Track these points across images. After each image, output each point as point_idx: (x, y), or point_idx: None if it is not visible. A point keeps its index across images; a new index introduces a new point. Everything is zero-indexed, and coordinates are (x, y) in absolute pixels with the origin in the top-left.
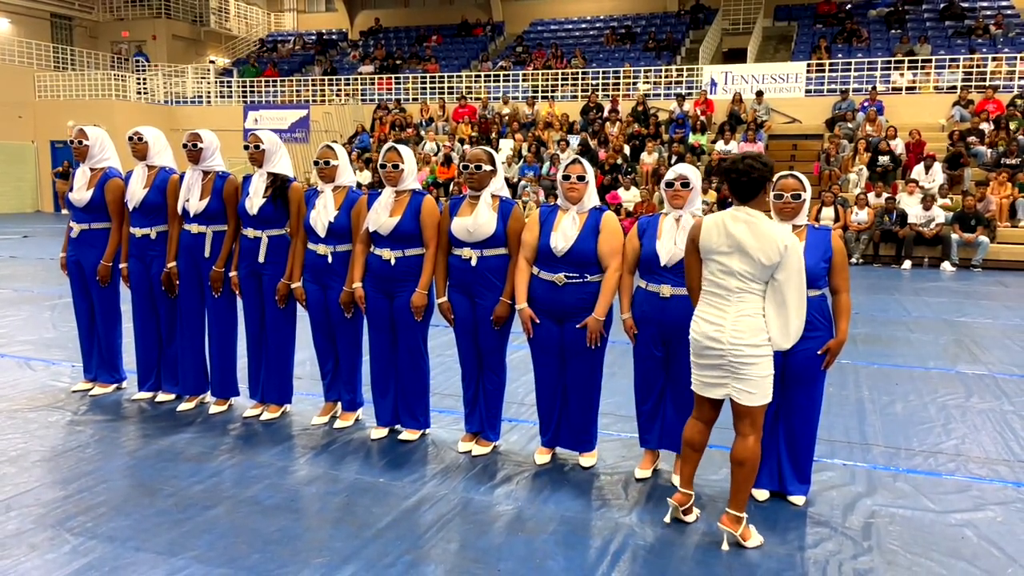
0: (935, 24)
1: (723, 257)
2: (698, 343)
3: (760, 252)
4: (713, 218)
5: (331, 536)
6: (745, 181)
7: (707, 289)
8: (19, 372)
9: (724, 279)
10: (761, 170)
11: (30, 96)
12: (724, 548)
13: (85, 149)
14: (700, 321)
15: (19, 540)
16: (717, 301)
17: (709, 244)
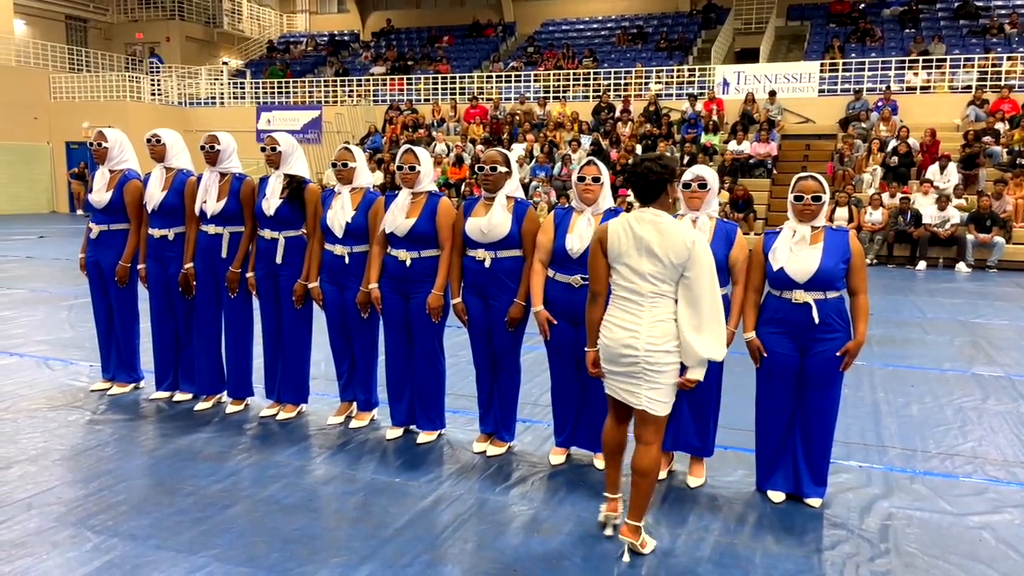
0: (950, 23)
1: (632, 260)
2: (611, 350)
3: (668, 251)
4: (618, 221)
5: (349, 536)
6: (646, 184)
7: (619, 295)
8: (37, 372)
9: (636, 283)
10: (662, 172)
11: (45, 97)
12: (625, 559)
13: (104, 151)
14: (614, 327)
15: (41, 538)
16: (630, 307)
17: (617, 247)
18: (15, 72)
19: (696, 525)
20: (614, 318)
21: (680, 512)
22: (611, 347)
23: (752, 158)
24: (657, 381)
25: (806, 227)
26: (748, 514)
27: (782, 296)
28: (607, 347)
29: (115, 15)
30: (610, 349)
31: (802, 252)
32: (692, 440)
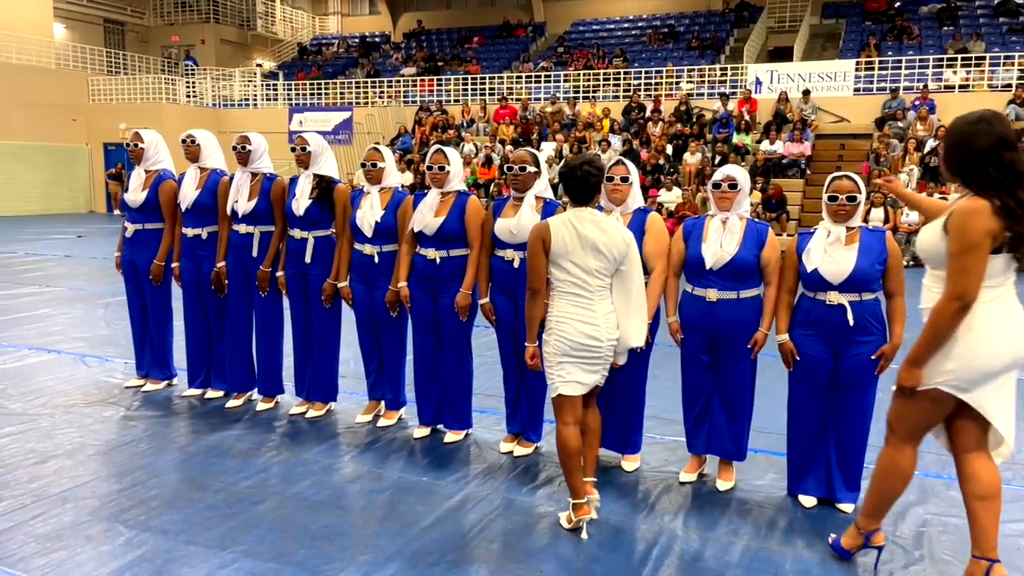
0: (989, 21)
1: (578, 258)
2: (576, 343)
3: (611, 247)
4: (559, 221)
5: (376, 533)
6: (584, 186)
7: (567, 291)
8: (74, 368)
9: (584, 279)
10: (597, 175)
11: (84, 99)
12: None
13: (140, 152)
14: (574, 322)
15: (75, 531)
16: (582, 301)
17: (563, 246)
18: (55, 75)
19: (726, 529)
20: (569, 313)
21: (710, 516)
22: (575, 340)
23: (785, 158)
24: (608, 362)
25: (841, 228)
26: (779, 518)
27: (816, 298)
28: (571, 341)
29: (152, 18)
30: (575, 342)
31: (837, 253)
32: (726, 444)
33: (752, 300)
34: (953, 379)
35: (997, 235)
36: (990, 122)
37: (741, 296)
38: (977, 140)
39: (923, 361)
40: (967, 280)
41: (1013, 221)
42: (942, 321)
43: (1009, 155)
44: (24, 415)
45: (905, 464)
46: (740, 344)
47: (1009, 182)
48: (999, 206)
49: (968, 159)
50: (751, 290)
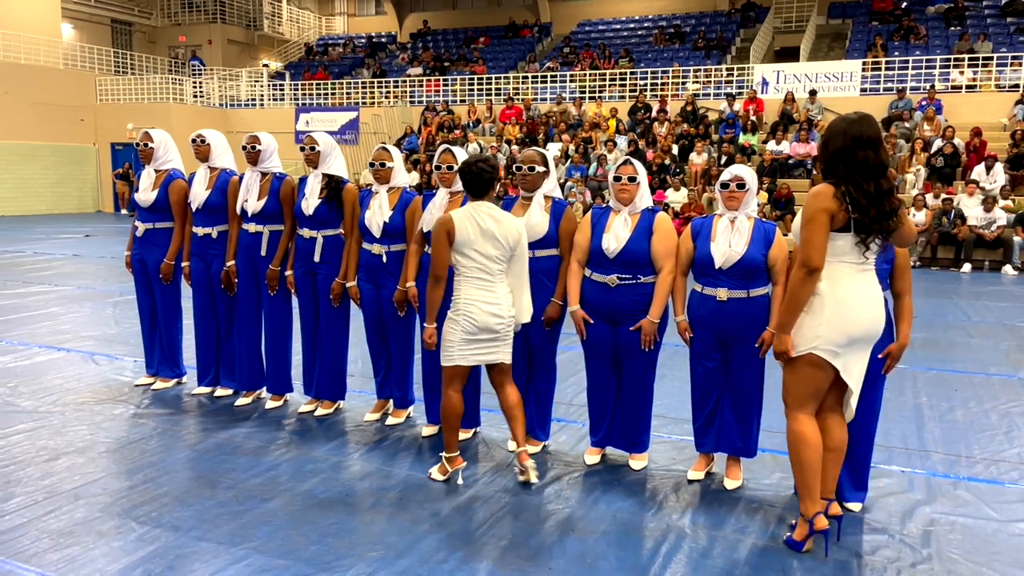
0: (996, 21)
1: (479, 246)
2: (479, 322)
3: (507, 236)
4: (461, 214)
5: (385, 530)
6: (480, 182)
7: (470, 276)
8: (84, 366)
9: (486, 264)
10: (492, 172)
11: (91, 100)
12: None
13: (150, 151)
14: (480, 304)
15: (88, 527)
16: (485, 285)
17: (466, 236)
18: (63, 75)
19: (734, 527)
20: (475, 297)
21: (718, 514)
22: (479, 320)
23: (791, 158)
24: (510, 338)
25: None
26: (787, 517)
27: None
28: (475, 321)
29: (159, 19)
30: (478, 322)
31: None
32: (735, 441)
33: (762, 299)
34: (825, 343)
35: (836, 214)
36: (851, 124)
37: (751, 295)
38: (835, 141)
39: (787, 326)
40: (808, 250)
41: (859, 210)
42: (794, 287)
43: (863, 153)
44: (35, 413)
45: (808, 433)
46: (749, 343)
47: (860, 177)
48: (843, 191)
49: (829, 156)
50: (760, 289)
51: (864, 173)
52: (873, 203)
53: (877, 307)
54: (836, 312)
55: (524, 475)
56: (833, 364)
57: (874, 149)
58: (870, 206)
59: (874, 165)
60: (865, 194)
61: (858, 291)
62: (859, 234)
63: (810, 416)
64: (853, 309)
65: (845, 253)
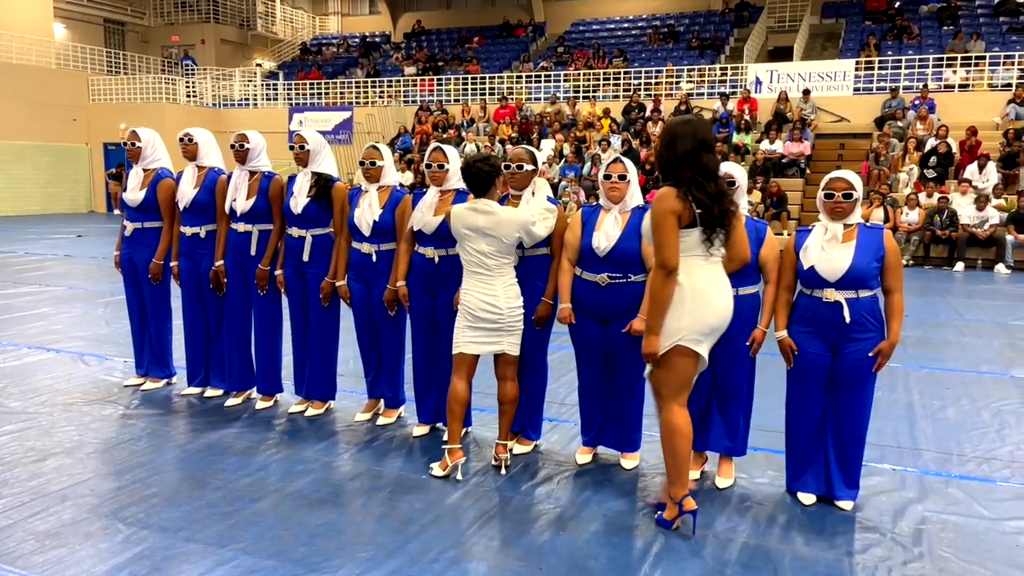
0: (989, 20)
1: (472, 242)
2: (474, 309)
3: (502, 233)
4: (459, 210)
5: (375, 531)
6: (479, 181)
7: (471, 269)
8: (73, 367)
9: (482, 260)
10: (491, 171)
11: (84, 99)
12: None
13: (138, 151)
14: (473, 293)
15: (75, 529)
16: (483, 279)
17: (459, 231)
18: (55, 75)
19: (725, 526)
20: (473, 288)
21: (708, 513)
22: (474, 310)
23: (785, 157)
24: (514, 329)
25: (838, 225)
26: (778, 516)
27: (813, 295)
28: (470, 310)
29: (152, 18)
30: (474, 312)
31: (833, 250)
32: (724, 440)
33: (750, 297)
34: (688, 333)
35: (682, 213)
36: (696, 128)
37: (739, 293)
38: (683, 143)
39: (657, 328)
40: (663, 251)
41: (702, 210)
42: (656, 288)
43: (706, 157)
44: (23, 413)
45: (680, 423)
46: (738, 341)
47: (703, 179)
48: (684, 192)
49: (673, 159)
50: (749, 287)
51: (706, 174)
52: (715, 202)
53: (728, 296)
54: (695, 303)
55: (495, 463)
56: (697, 352)
57: (712, 152)
58: (712, 204)
59: (714, 168)
60: (708, 194)
61: (711, 282)
62: (705, 230)
63: (682, 407)
64: (710, 298)
65: (693, 248)
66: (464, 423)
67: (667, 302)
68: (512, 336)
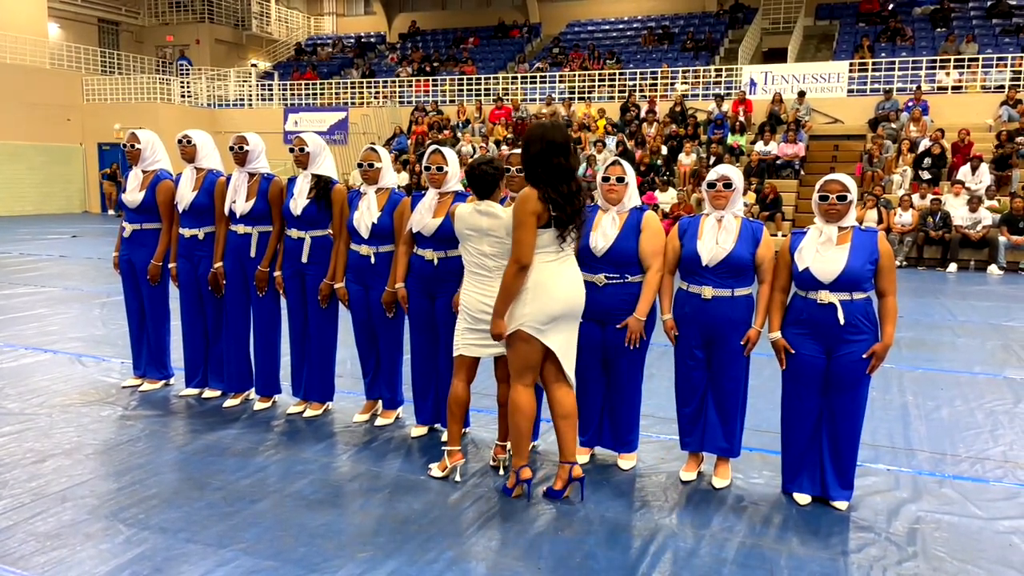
0: (982, 22)
1: (474, 243)
2: (473, 310)
3: (505, 236)
4: (463, 210)
5: (374, 531)
6: (484, 183)
7: (471, 270)
8: (71, 368)
9: (483, 261)
10: (495, 174)
11: (78, 99)
12: (500, 473)
13: (137, 152)
14: (472, 294)
15: (75, 530)
16: (482, 280)
17: (461, 231)
18: (49, 74)
19: (721, 526)
20: (472, 288)
21: (705, 513)
22: (473, 311)
23: (779, 159)
24: None
25: (833, 227)
26: (773, 516)
27: (807, 297)
28: (469, 310)
29: (146, 18)
30: (473, 313)
31: (828, 252)
32: (719, 441)
33: (746, 298)
34: (530, 320)
35: (541, 215)
36: (546, 131)
37: (735, 294)
38: (534, 146)
39: (501, 312)
40: (520, 249)
41: (557, 209)
42: (508, 280)
43: (556, 159)
44: (22, 415)
45: (522, 402)
46: (733, 341)
47: (556, 179)
48: (543, 195)
49: (528, 160)
50: (745, 288)
51: (558, 175)
52: (568, 202)
53: (574, 288)
54: (536, 293)
55: (494, 463)
56: (539, 339)
57: (565, 155)
58: (566, 205)
59: (566, 169)
60: (560, 194)
61: (556, 276)
62: (559, 229)
63: (527, 387)
64: (551, 291)
65: (546, 245)
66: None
67: (515, 292)
68: None
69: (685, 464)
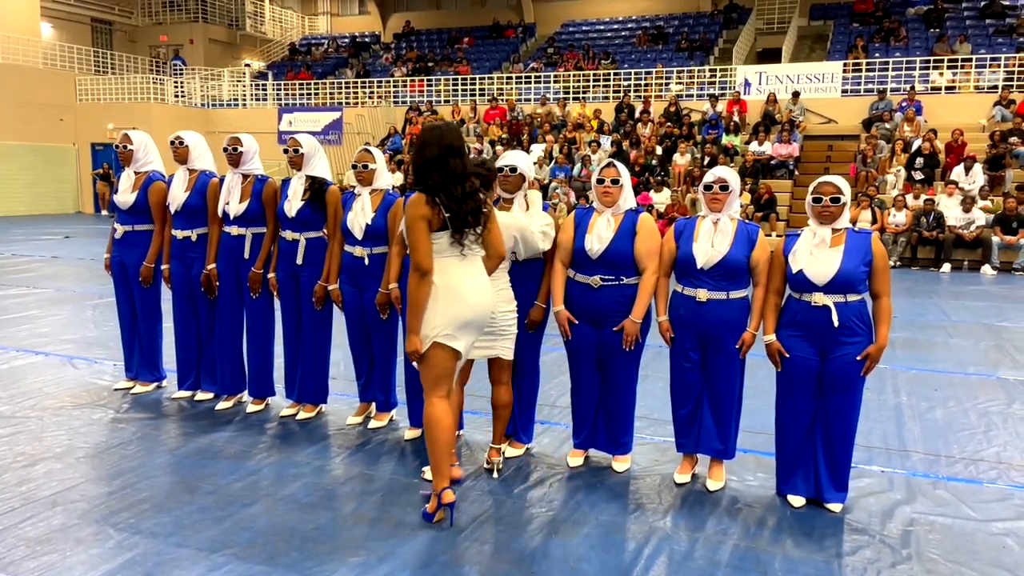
0: (975, 22)
1: None
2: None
3: None
4: None
5: (367, 535)
6: None
7: None
8: (62, 370)
9: None
10: (488, 175)
11: (71, 99)
12: (495, 476)
13: (129, 153)
14: None
15: (65, 535)
16: None
17: None
18: (42, 74)
19: (715, 528)
20: None
21: (699, 515)
22: None
23: (774, 159)
24: (507, 333)
25: (826, 229)
26: (768, 518)
27: (802, 299)
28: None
29: (140, 18)
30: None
31: (822, 254)
32: (714, 442)
33: (741, 301)
34: (443, 329)
35: (431, 219)
36: (442, 134)
37: (730, 297)
38: (430, 149)
39: (415, 328)
40: (416, 255)
41: (451, 212)
42: (411, 290)
43: (452, 162)
44: (12, 418)
45: (439, 415)
46: (728, 344)
47: (450, 183)
48: (432, 197)
49: (422, 164)
50: (740, 291)
51: (453, 179)
52: (462, 204)
53: (483, 292)
54: (447, 300)
55: (488, 466)
56: (453, 347)
57: (460, 157)
58: (459, 208)
59: (461, 172)
60: (454, 198)
61: (464, 280)
62: (455, 232)
63: (443, 399)
64: (461, 295)
65: (446, 249)
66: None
67: (423, 302)
68: (506, 340)
69: (679, 466)
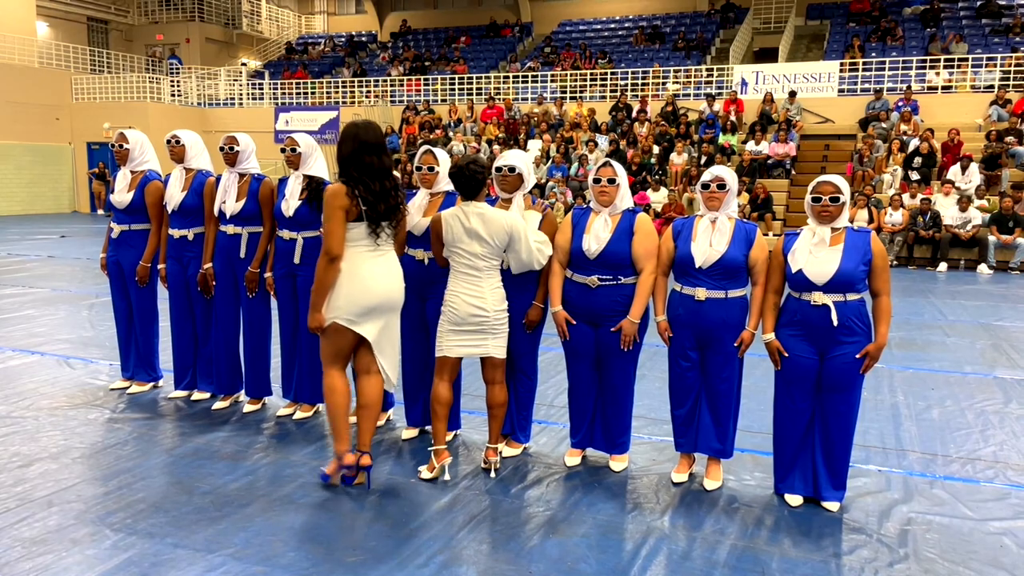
0: (972, 22)
1: (465, 245)
2: (460, 312)
3: (493, 235)
4: (449, 214)
5: (364, 535)
6: (472, 184)
7: (460, 271)
8: (58, 370)
9: (473, 261)
10: (482, 173)
11: (67, 99)
12: (492, 475)
13: (126, 152)
14: (463, 295)
15: (61, 535)
16: (472, 280)
17: (451, 236)
18: (37, 73)
19: (713, 528)
20: (460, 289)
21: (696, 515)
22: (460, 311)
23: (770, 158)
24: (499, 332)
25: (825, 229)
26: (765, 517)
27: (801, 298)
28: (456, 313)
29: (136, 17)
30: (459, 312)
31: (821, 254)
32: (712, 442)
33: (739, 300)
34: (344, 313)
35: (349, 209)
36: (359, 131)
37: (729, 295)
38: (346, 146)
39: (318, 306)
40: (329, 241)
41: (368, 206)
42: (319, 272)
43: (368, 158)
44: (8, 418)
45: (336, 385)
46: (727, 343)
47: (368, 178)
48: (352, 191)
49: (342, 159)
50: (739, 290)
51: (370, 174)
52: (380, 199)
53: (391, 281)
54: (351, 287)
55: (485, 466)
56: (352, 329)
57: (378, 154)
58: (377, 202)
59: (379, 168)
60: (372, 192)
61: (372, 270)
62: (371, 224)
63: (339, 371)
64: (365, 283)
65: (360, 239)
66: (452, 426)
67: (329, 284)
68: (497, 339)
69: (677, 466)
